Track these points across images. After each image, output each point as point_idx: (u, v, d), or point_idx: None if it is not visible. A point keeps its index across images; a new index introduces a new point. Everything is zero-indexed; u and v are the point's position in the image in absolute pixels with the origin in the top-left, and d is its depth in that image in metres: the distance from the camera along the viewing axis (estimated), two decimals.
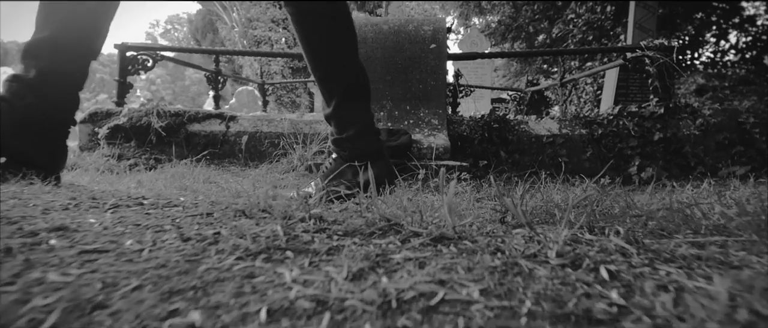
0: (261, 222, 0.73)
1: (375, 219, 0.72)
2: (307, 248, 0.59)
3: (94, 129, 3.05)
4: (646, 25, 6.47)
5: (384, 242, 0.63)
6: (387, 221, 0.72)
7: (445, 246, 0.62)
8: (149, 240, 0.60)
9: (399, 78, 3.09)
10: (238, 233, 0.64)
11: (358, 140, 1.23)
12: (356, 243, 0.63)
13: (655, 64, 3.00)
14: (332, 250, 0.59)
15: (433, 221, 0.75)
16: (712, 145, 2.91)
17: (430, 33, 3.16)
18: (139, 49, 3.31)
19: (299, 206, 0.78)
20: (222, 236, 0.62)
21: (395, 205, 1.05)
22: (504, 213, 0.98)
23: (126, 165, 2.76)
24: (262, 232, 0.65)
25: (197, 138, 3.08)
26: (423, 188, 2.50)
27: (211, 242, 0.59)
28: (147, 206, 0.90)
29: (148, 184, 1.73)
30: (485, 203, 2.09)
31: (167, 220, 0.74)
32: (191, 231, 0.65)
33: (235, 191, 1.60)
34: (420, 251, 0.59)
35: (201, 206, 0.90)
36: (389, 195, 1.79)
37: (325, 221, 0.75)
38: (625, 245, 0.59)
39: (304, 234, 0.66)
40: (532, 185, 2.71)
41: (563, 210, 1.08)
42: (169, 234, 0.64)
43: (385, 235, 0.69)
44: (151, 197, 1.01)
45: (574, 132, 2.99)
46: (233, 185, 2.07)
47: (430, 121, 3.01)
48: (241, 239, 0.60)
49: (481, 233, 0.70)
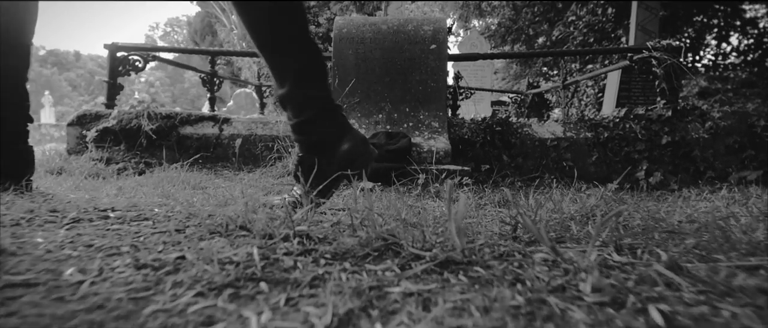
0: (237, 241, 0.63)
1: (370, 238, 0.62)
2: (287, 278, 0.49)
3: (83, 132, 2.95)
4: (649, 26, 6.38)
5: (380, 268, 0.53)
6: (383, 240, 0.62)
7: (453, 274, 0.51)
8: (96, 268, 0.50)
9: (398, 79, 2.99)
10: (206, 257, 0.53)
11: (319, 121, 1.09)
12: (346, 270, 0.53)
13: (662, 65, 2.91)
14: (317, 280, 0.49)
15: (437, 240, 0.64)
16: (722, 148, 2.81)
17: (430, 33, 3.06)
18: (129, 50, 3.21)
19: (283, 221, 0.67)
20: (185, 262, 0.52)
21: (392, 216, 0.95)
22: (514, 226, 0.87)
23: (114, 169, 2.65)
24: (235, 255, 0.55)
25: (189, 141, 2.97)
26: (423, 193, 2.40)
27: (170, 271, 0.49)
28: (112, 220, 0.79)
29: (130, 191, 1.63)
30: (488, 210, 1.99)
31: (128, 239, 0.64)
32: (151, 255, 0.55)
33: (223, 198, 1.49)
34: (423, 280, 0.49)
35: (174, 219, 0.80)
36: (384, 201, 1.69)
37: (312, 239, 0.65)
38: (671, 274, 0.49)
39: (285, 258, 0.56)
40: (536, 189, 2.61)
41: (579, 222, 0.98)
42: (123, 259, 0.53)
43: (382, 257, 0.59)
44: (121, 209, 0.91)
45: (579, 135, 2.89)
46: (222, 191, 1.97)
47: (431, 124, 2.91)
48: (207, 266, 0.50)
49: (493, 254, 0.60)
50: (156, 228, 0.73)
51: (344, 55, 3.02)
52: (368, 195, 0.78)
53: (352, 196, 2.24)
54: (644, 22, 6.40)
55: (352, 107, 2.97)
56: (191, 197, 1.44)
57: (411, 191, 2.41)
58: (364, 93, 2.98)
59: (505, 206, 2.07)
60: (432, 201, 2.21)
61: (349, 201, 1.96)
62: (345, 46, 3.03)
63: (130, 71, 3.19)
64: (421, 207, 1.99)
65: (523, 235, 0.85)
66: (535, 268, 0.52)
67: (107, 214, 0.84)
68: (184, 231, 0.70)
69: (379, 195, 1.91)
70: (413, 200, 2.12)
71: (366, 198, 0.76)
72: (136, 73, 3.21)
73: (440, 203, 2.13)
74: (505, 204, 2.09)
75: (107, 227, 0.73)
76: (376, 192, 2.34)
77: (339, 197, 2.24)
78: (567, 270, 0.51)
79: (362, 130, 2.90)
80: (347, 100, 2.96)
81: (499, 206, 2.05)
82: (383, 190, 2.34)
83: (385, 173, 2.44)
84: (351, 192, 2.30)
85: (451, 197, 0.57)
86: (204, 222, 0.71)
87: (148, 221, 0.79)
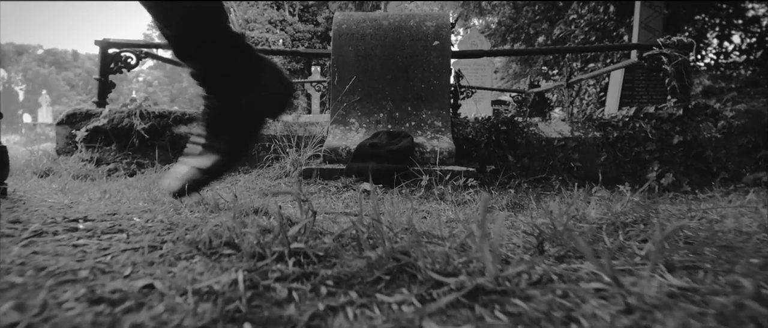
0: (222, 262, 0.52)
1: (381, 258, 0.52)
2: (279, 316, 0.39)
3: (72, 131, 2.84)
4: (653, 24, 6.29)
5: (395, 301, 0.43)
6: (396, 260, 0.52)
7: (487, 308, 0.41)
8: (38, 303, 0.40)
9: (400, 77, 2.89)
10: (179, 286, 0.43)
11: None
12: (353, 302, 0.42)
13: (672, 62, 2.81)
14: (317, 318, 0.39)
15: (459, 261, 0.54)
16: (735, 148, 2.72)
17: (432, 29, 2.96)
18: (121, 46, 3.10)
19: (276, 236, 0.57)
20: (153, 294, 0.42)
21: (401, 225, 0.84)
22: (540, 239, 0.77)
23: (104, 170, 2.54)
24: (217, 283, 0.44)
25: (183, 141, 2.86)
26: (427, 195, 2.30)
27: (130, 308, 0.39)
28: (80, 232, 0.69)
29: (116, 194, 1.52)
30: (497, 214, 1.89)
31: (90, 259, 0.53)
32: (113, 282, 0.45)
33: (214, 202, 1.39)
34: (451, 319, 0.39)
35: (152, 232, 0.70)
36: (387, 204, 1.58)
37: (311, 259, 0.55)
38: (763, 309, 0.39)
39: (278, 285, 0.45)
40: (544, 191, 2.52)
41: (609, 232, 0.88)
42: (76, 290, 0.43)
43: (395, 282, 0.49)
44: (95, 218, 0.81)
45: (588, 135, 2.79)
46: (214, 194, 1.86)
47: (433, 124, 2.81)
48: (179, 299, 0.40)
49: (530, 280, 0.50)
50: (129, 243, 0.63)
51: (344, 52, 2.91)
52: (375, 201, 0.68)
53: (353, 198, 2.13)
54: (648, 19, 6.31)
55: (353, 106, 2.87)
56: (179, 203, 1.34)
57: (414, 193, 2.31)
58: (364, 91, 2.88)
59: (514, 209, 1.97)
60: (436, 204, 2.11)
61: (350, 203, 1.85)
62: (345, 43, 2.93)
63: (123, 68, 3.08)
64: (427, 211, 1.89)
65: (551, 248, 0.75)
66: (590, 301, 0.41)
67: (77, 225, 0.73)
68: (160, 247, 0.60)
69: (381, 198, 1.81)
70: (417, 202, 2.02)
71: (373, 205, 0.66)
72: (128, 70, 3.10)
73: (445, 206, 2.03)
74: (514, 207, 2.00)
75: (72, 243, 0.62)
76: (377, 194, 2.24)
77: (339, 200, 2.14)
78: (631, 306, 0.40)
79: (363, 130, 2.80)
80: (347, 98, 2.86)
81: (509, 209, 1.95)
82: (386, 192, 2.24)
83: (387, 174, 2.34)
84: (352, 195, 2.20)
85: (485, 216, 0.47)
86: (184, 237, 0.61)
87: (121, 234, 0.68)
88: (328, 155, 2.63)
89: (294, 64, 16.98)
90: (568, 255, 0.71)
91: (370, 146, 2.51)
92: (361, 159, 2.49)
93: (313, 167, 2.45)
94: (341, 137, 2.74)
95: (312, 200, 2.07)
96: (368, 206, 1.79)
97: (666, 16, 7.35)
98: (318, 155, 2.71)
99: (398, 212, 1.60)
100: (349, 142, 2.66)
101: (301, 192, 0.70)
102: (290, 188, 2.26)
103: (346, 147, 2.62)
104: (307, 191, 2.23)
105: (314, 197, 2.12)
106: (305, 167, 2.45)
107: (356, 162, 2.47)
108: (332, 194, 2.23)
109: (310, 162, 2.64)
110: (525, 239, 0.79)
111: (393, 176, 2.32)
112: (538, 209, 1.89)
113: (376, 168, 2.36)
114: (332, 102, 2.90)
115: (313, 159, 2.71)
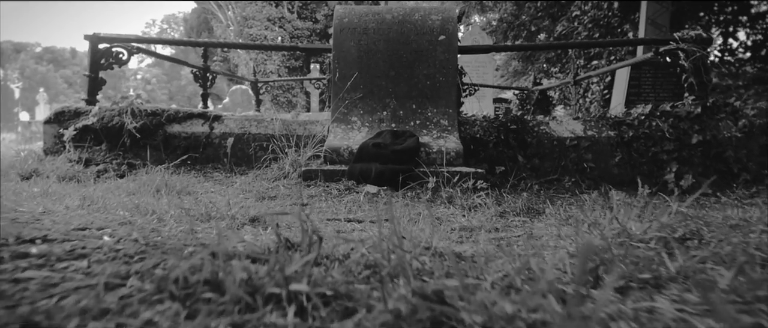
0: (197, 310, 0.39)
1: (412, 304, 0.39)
2: None
3: (60, 130, 2.70)
4: (659, 21, 6.15)
5: None
6: (430, 309, 0.39)
7: None
8: None
9: (404, 73, 2.76)
10: None
11: None
12: None
13: (690, 58, 2.68)
14: None
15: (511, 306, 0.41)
16: (756, 148, 2.59)
17: (438, 23, 2.83)
18: (112, 41, 2.96)
19: (269, 272, 0.44)
20: None
21: (420, 244, 0.71)
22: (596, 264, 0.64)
23: (93, 171, 2.41)
24: None
25: (177, 140, 2.73)
26: (434, 198, 2.17)
27: None
28: (32, 258, 0.56)
29: (98, 200, 1.39)
30: (511, 219, 1.76)
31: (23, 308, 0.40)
32: None
33: (206, 210, 1.26)
34: None
35: (121, 257, 0.57)
36: (395, 210, 1.45)
37: (315, 304, 0.42)
38: None
39: None
40: (556, 192, 2.39)
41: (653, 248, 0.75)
42: None
43: None
44: (57, 237, 0.68)
45: (601, 134, 2.66)
46: (209, 198, 1.73)
47: (439, 122, 2.68)
48: None
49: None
50: (87, 275, 0.50)
51: (346, 47, 2.78)
52: (395, 224, 0.55)
53: (356, 201, 1.99)
54: (655, 15, 6.17)
55: (354, 104, 2.73)
56: (167, 208, 1.21)
57: (420, 196, 2.18)
58: (367, 88, 2.74)
59: (529, 214, 1.84)
60: (445, 208, 1.98)
61: (354, 208, 1.71)
62: (346, 38, 2.79)
63: (114, 64, 2.94)
64: (437, 217, 1.76)
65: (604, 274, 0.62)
66: None
67: (30, 248, 0.60)
68: (124, 284, 0.47)
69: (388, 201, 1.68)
70: (424, 207, 1.90)
71: (394, 229, 0.53)
72: (119, 66, 2.96)
73: (455, 210, 1.90)
74: (529, 212, 1.87)
75: (15, 276, 0.49)
76: (382, 197, 2.11)
77: (341, 203, 2.01)
78: None
79: (365, 129, 2.67)
80: (349, 95, 2.72)
81: (524, 214, 1.82)
82: (390, 195, 2.11)
83: (392, 175, 2.21)
84: (354, 198, 2.07)
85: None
86: (154, 271, 0.48)
87: (81, 262, 0.55)
88: (329, 156, 2.50)
89: (293, 61, 16.81)
90: (630, 286, 0.58)
91: (373, 146, 2.37)
92: (364, 160, 2.36)
93: (313, 168, 2.32)
94: (343, 137, 2.61)
95: (312, 203, 1.94)
96: (374, 211, 1.66)
97: (670, 13, 7.21)
98: (318, 155, 2.58)
99: (405, 217, 1.47)
100: (351, 141, 2.53)
101: (303, 200, 0.57)
102: (289, 191, 2.13)
103: (347, 147, 2.49)
104: (308, 193, 2.10)
105: (315, 201, 1.99)
106: (305, 169, 2.32)
107: (359, 163, 2.34)
108: (334, 197, 2.10)
109: (311, 163, 2.51)
110: (571, 263, 0.66)
111: (398, 178, 2.19)
112: (556, 215, 1.77)
113: (380, 170, 2.23)
114: (333, 100, 2.76)
115: (314, 159, 2.58)
